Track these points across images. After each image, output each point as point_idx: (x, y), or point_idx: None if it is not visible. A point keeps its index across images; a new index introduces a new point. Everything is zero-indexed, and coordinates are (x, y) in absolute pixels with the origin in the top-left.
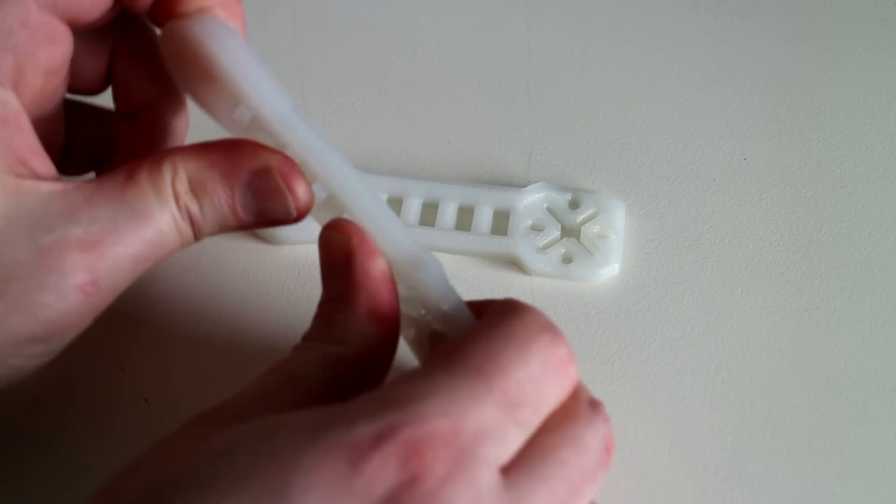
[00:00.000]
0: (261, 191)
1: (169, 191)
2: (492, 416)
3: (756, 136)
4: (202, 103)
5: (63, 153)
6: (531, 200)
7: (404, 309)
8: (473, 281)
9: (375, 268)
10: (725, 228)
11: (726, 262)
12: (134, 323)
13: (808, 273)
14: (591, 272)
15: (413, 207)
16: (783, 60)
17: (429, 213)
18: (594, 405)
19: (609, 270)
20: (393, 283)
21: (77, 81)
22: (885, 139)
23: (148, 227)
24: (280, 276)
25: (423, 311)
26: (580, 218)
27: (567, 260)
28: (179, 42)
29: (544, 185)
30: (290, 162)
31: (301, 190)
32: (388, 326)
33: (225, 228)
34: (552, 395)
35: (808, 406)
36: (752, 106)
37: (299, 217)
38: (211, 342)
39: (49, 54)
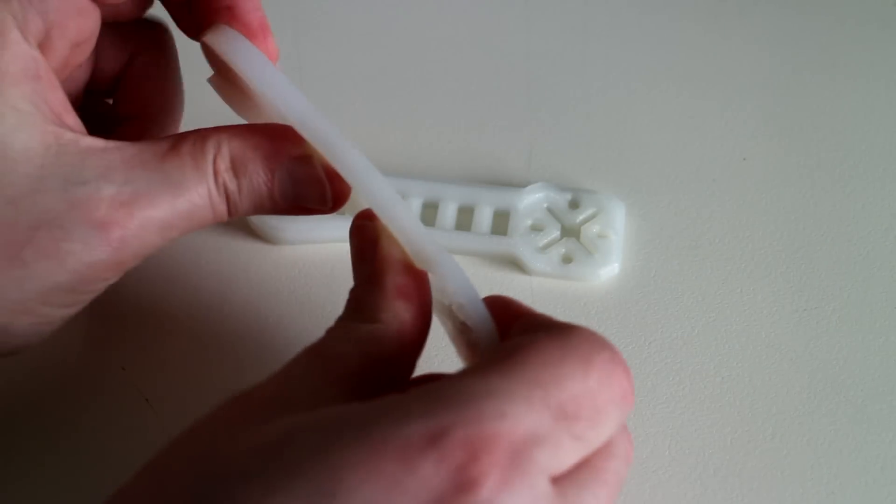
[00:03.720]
0: (300, 177)
1: (209, 165)
2: (547, 425)
3: (755, 137)
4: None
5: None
6: (531, 200)
7: (437, 296)
8: (473, 281)
9: (398, 249)
10: (725, 228)
11: (726, 262)
12: (134, 323)
13: (807, 273)
14: (591, 272)
15: (413, 207)
16: (783, 60)
17: (429, 213)
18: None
19: (609, 270)
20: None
21: (95, 75)
22: (885, 139)
23: (181, 197)
24: (280, 276)
25: (449, 301)
26: (580, 218)
27: (567, 260)
28: (213, 55)
29: (544, 185)
30: None
31: (340, 181)
32: (418, 303)
33: (260, 209)
34: (610, 414)
35: (808, 406)
36: (752, 106)
37: (334, 207)
38: (211, 342)
39: (77, 26)
